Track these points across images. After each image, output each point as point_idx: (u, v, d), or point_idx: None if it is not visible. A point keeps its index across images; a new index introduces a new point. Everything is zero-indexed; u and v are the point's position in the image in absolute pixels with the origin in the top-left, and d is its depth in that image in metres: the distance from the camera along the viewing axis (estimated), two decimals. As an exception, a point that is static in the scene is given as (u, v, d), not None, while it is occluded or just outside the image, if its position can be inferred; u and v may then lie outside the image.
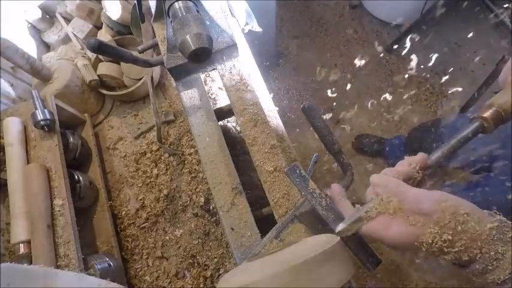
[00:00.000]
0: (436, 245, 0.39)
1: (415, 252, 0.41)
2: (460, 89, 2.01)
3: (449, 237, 0.38)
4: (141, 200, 0.94)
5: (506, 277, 0.36)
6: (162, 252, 0.89)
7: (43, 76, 0.93)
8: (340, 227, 0.47)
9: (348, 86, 2.12)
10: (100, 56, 1.03)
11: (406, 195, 0.41)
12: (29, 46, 1.12)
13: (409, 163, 0.46)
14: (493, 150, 1.02)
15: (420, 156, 0.46)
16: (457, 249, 0.38)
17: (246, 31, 1.06)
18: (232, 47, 0.78)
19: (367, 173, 1.92)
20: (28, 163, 0.82)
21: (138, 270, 0.88)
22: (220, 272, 0.85)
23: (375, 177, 0.46)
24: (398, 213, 0.41)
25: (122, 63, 1.03)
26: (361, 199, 1.83)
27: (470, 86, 1.92)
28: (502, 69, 0.49)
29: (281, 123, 0.88)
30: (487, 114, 0.43)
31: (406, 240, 0.41)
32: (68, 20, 1.13)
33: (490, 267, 0.37)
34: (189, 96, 0.79)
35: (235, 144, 0.96)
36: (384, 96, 2.06)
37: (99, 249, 0.88)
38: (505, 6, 1.55)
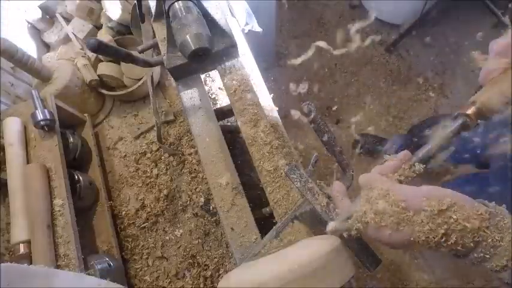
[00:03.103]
0: (430, 240, 0.38)
1: (413, 247, 0.41)
2: (460, 89, 2.01)
3: (442, 231, 0.37)
4: (141, 200, 0.94)
5: (505, 264, 0.36)
6: (162, 252, 0.89)
7: (43, 76, 0.93)
8: (329, 226, 0.47)
9: (348, 86, 2.12)
10: (100, 56, 1.03)
11: (393, 192, 0.41)
12: (29, 46, 1.11)
13: (394, 159, 0.46)
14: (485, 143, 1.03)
15: (402, 153, 0.46)
16: (451, 241, 0.38)
17: (246, 31, 1.06)
18: (232, 47, 0.78)
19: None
20: (28, 163, 0.82)
21: (138, 270, 0.88)
22: (220, 272, 0.85)
23: (361, 178, 0.46)
24: (387, 212, 0.41)
25: (122, 63, 1.03)
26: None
27: (470, 86, 1.92)
28: None
29: (281, 123, 0.88)
30: (470, 111, 0.44)
31: (400, 239, 0.41)
32: (68, 20, 1.13)
33: (487, 256, 0.37)
34: (189, 96, 0.79)
35: (235, 144, 0.96)
36: (384, 96, 2.06)
37: (99, 249, 0.88)
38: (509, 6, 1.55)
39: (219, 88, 1.03)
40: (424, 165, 0.45)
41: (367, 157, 1.92)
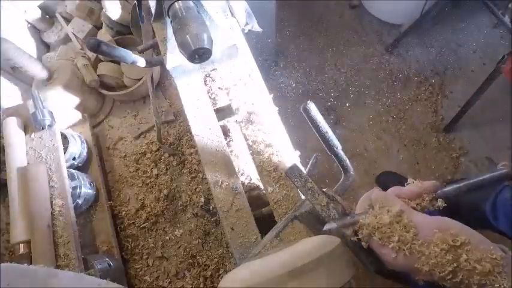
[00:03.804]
0: (434, 273, 0.37)
1: (414, 274, 0.40)
2: (460, 89, 2.01)
3: (450, 268, 0.36)
4: (141, 200, 0.94)
5: None
6: (162, 252, 0.89)
7: (43, 76, 0.93)
8: (327, 226, 0.47)
9: (348, 86, 2.12)
10: (100, 56, 1.03)
11: (406, 216, 0.40)
12: (29, 46, 1.12)
13: (418, 186, 0.44)
14: None
15: (431, 183, 0.44)
16: (456, 279, 0.36)
17: (246, 31, 1.06)
18: (232, 47, 0.78)
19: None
20: (28, 163, 0.82)
21: (138, 270, 0.88)
22: (220, 272, 0.85)
23: (376, 194, 0.45)
24: (395, 233, 0.40)
25: (121, 63, 1.03)
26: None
27: (470, 86, 1.92)
28: (502, 69, 0.48)
29: (281, 123, 0.88)
30: None
31: (403, 263, 0.39)
32: (68, 20, 1.13)
33: None
34: (189, 96, 0.79)
35: (235, 145, 0.96)
36: (384, 96, 2.06)
37: (99, 249, 0.88)
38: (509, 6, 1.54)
39: (219, 88, 1.03)
40: (446, 204, 0.42)
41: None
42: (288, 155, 0.72)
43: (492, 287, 0.35)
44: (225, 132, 0.96)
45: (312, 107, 0.60)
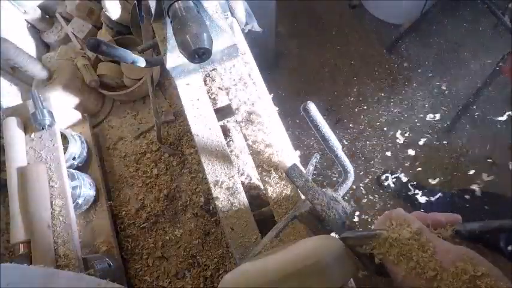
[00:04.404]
0: None
1: None
2: (460, 89, 2.01)
3: None
4: (141, 200, 0.94)
5: None
6: (162, 252, 0.89)
7: (43, 76, 0.93)
8: (345, 234, 0.46)
9: (348, 86, 2.12)
10: (100, 56, 1.03)
11: (425, 237, 0.39)
12: (29, 46, 1.12)
13: (443, 216, 0.43)
14: None
15: (454, 216, 0.43)
16: None
17: (246, 31, 1.06)
18: (232, 47, 0.78)
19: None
20: (28, 163, 0.82)
21: (138, 270, 0.88)
22: (220, 272, 0.85)
23: (397, 211, 0.44)
24: (411, 251, 0.39)
25: (121, 63, 1.03)
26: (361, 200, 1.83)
27: (470, 86, 1.92)
28: (502, 69, 0.48)
29: (281, 123, 0.88)
30: None
31: (415, 285, 0.38)
32: (67, 20, 1.13)
33: None
34: (189, 96, 0.79)
35: (235, 145, 0.96)
36: (384, 96, 2.06)
37: (99, 249, 0.88)
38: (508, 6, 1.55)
39: (219, 88, 1.03)
40: (461, 240, 0.42)
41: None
42: (288, 155, 0.72)
43: None
44: (225, 132, 0.96)
45: (312, 107, 0.60)
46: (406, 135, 1.95)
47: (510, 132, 1.81)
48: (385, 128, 1.98)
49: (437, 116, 1.97)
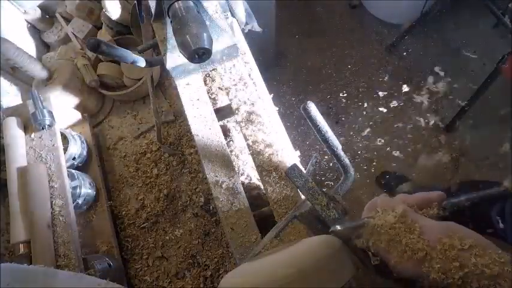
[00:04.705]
0: (440, 278, 0.36)
1: (422, 279, 0.39)
2: (460, 89, 2.01)
3: (460, 273, 0.35)
4: (141, 200, 0.94)
5: None
6: (162, 252, 0.89)
7: (43, 76, 0.93)
8: (333, 228, 0.46)
9: (348, 86, 2.12)
10: (100, 56, 1.03)
11: (411, 218, 0.40)
12: (29, 46, 1.12)
13: (427, 195, 0.43)
14: None
15: (438, 192, 0.44)
16: (464, 284, 0.35)
17: (246, 31, 1.06)
18: (232, 47, 0.78)
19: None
20: (28, 163, 0.82)
21: (138, 270, 0.88)
22: (220, 272, 0.85)
23: (382, 199, 0.44)
24: (399, 234, 0.39)
25: (121, 63, 1.03)
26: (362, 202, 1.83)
27: (470, 86, 1.92)
28: (502, 69, 0.48)
29: (281, 123, 0.88)
30: None
31: (410, 268, 0.39)
32: (67, 20, 1.13)
33: None
34: (189, 96, 0.79)
35: (235, 145, 0.96)
36: (384, 96, 2.06)
37: (99, 249, 0.88)
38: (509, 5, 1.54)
39: (219, 88, 1.03)
40: (447, 214, 0.42)
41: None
42: (288, 155, 0.72)
43: None
44: (225, 132, 0.96)
45: (312, 107, 0.60)
46: (407, 135, 1.95)
47: (510, 132, 1.81)
48: (385, 128, 1.98)
49: (437, 116, 1.97)
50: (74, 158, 0.90)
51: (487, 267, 0.35)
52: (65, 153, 0.86)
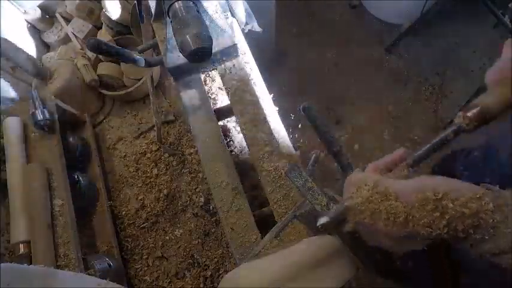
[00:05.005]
0: (428, 231, 0.36)
1: (414, 242, 0.39)
2: (460, 89, 2.01)
3: (444, 222, 0.35)
4: (141, 200, 0.94)
5: (502, 246, 0.34)
6: (162, 252, 0.89)
7: (43, 76, 0.93)
8: (320, 221, 0.46)
9: (348, 86, 2.12)
10: (100, 56, 1.03)
11: (383, 184, 0.40)
12: (29, 46, 1.11)
13: (389, 157, 0.45)
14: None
15: (401, 149, 0.45)
16: (451, 231, 0.36)
17: (246, 31, 1.06)
18: (232, 47, 0.78)
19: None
20: (28, 163, 0.82)
21: (138, 270, 0.88)
22: (220, 272, 0.85)
23: (355, 175, 0.45)
24: (376, 204, 0.39)
25: (121, 63, 1.03)
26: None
27: (470, 86, 1.92)
28: None
29: (281, 123, 0.88)
30: (470, 113, 0.42)
31: (400, 232, 0.39)
32: (67, 20, 1.13)
33: (486, 237, 0.35)
34: (189, 96, 0.79)
35: (235, 145, 0.96)
36: (384, 96, 2.06)
37: (99, 249, 0.88)
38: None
39: (219, 88, 1.03)
40: (414, 169, 0.43)
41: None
42: (288, 155, 0.72)
43: (486, 224, 0.35)
44: (225, 132, 0.96)
45: (312, 107, 0.60)
46: (406, 135, 1.95)
47: (510, 131, 1.80)
48: (385, 128, 1.98)
49: (437, 117, 1.97)
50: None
51: (465, 207, 0.35)
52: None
